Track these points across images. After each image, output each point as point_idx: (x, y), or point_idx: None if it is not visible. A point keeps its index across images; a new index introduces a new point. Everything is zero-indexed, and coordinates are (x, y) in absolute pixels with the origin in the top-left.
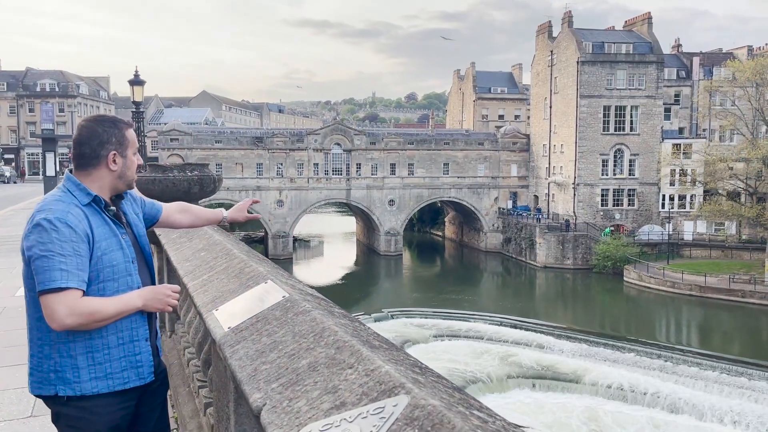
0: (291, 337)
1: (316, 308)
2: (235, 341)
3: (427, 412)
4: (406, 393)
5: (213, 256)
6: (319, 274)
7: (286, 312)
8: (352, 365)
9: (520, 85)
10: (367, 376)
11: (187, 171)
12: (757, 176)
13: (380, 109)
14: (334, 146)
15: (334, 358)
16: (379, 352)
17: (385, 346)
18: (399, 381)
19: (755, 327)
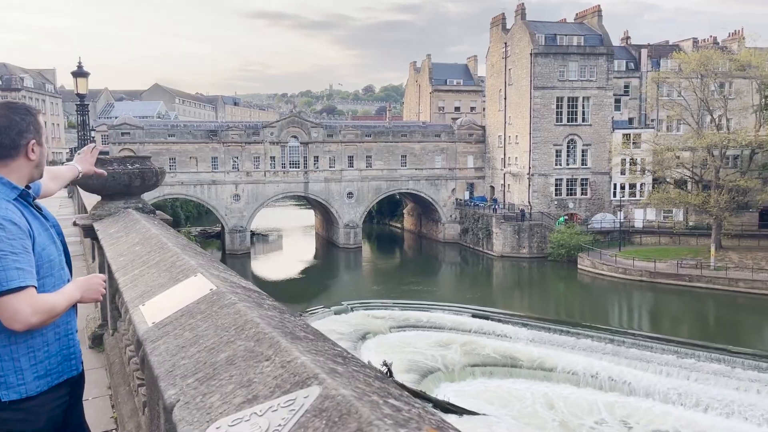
0: (213, 331)
1: (243, 301)
2: (157, 336)
3: (336, 403)
4: (319, 384)
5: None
6: (278, 268)
7: (212, 305)
8: (270, 357)
9: (475, 77)
10: (282, 368)
11: (127, 164)
12: (703, 165)
13: (337, 101)
14: (291, 139)
15: (253, 350)
16: (300, 343)
17: (311, 336)
18: (313, 372)
19: (702, 310)
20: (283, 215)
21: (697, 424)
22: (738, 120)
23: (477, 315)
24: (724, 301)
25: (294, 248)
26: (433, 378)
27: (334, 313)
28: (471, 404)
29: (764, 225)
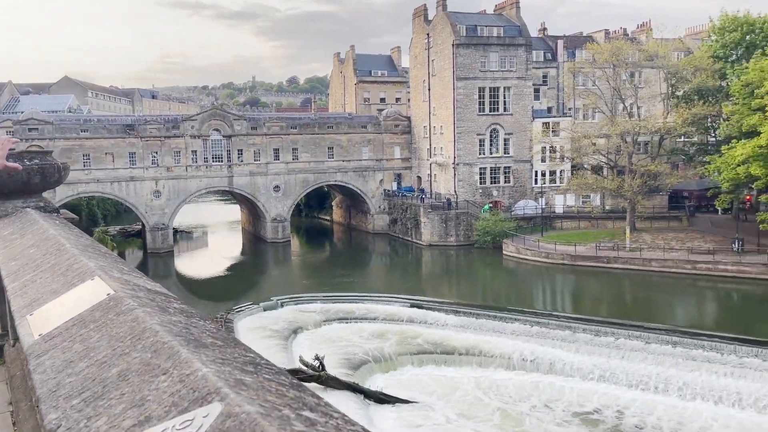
0: (107, 342)
1: (144, 306)
2: (42, 351)
3: (240, 421)
4: (221, 400)
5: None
6: (204, 266)
7: (107, 312)
8: (167, 371)
9: (399, 67)
10: (180, 383)
11: (25, 159)
12: (617, 151)
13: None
14: (213, 132)
15: (149, 363)
16: (205, 351)
17: (219, 343)
18: (215, 386)
19: (619, 290)
20: (208, 211)
21: (619, 399)
22: (648, 108)
23: (408, 304)
24: (639, 281)
25: (220, 244)
26: (366, 369)
27: (263, 309)
28: (404, 393)
29: (673, 207)
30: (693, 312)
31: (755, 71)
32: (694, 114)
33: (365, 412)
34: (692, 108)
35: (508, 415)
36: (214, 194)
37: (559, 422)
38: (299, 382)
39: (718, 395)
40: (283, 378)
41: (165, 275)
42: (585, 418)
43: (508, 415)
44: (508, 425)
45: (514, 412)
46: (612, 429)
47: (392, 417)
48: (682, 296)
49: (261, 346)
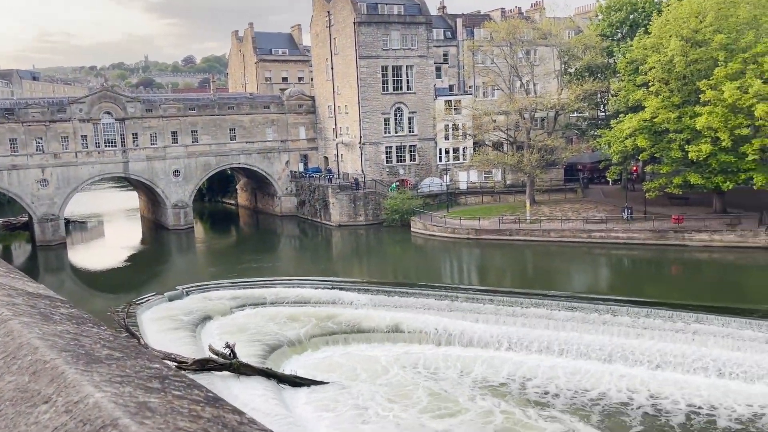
0: None
1: (21, 315)
2: None
3: None
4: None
5: None
6: (101, 257)
7: None
8: (49, 398)
9: (300, 46)
10: (67, 414)
11: None
12: (516, 127)
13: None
14: (105, 115)
15: (27, 389)
16: (99, 368)
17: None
18: (111, 417)
19: (522, 261)
20: (103, 199)
21: (526, 365)
22: (543, 85)
23: (320, 286)
24: (540, 251)
25: (118, 234)
26: (279, 353)
27: (168, 300)
28: (319, 375)
29: (569, 180)
30: (589, 278)
31: (638, 49)
32: (585, 90)
33: (280, 397)
34: (583, 84)
35: (422, 388)
36: (109, 181)
37: (471, 393)
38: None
39: (612, 355)
40: (197, 392)
41: (57, 269)
42: (495, 387)
43: (419, 387)
44: (421, 398)
45: (427, 386)
46: (519, 395)
47: (307, 399)
48: (579, 264)
49: (168, 338)
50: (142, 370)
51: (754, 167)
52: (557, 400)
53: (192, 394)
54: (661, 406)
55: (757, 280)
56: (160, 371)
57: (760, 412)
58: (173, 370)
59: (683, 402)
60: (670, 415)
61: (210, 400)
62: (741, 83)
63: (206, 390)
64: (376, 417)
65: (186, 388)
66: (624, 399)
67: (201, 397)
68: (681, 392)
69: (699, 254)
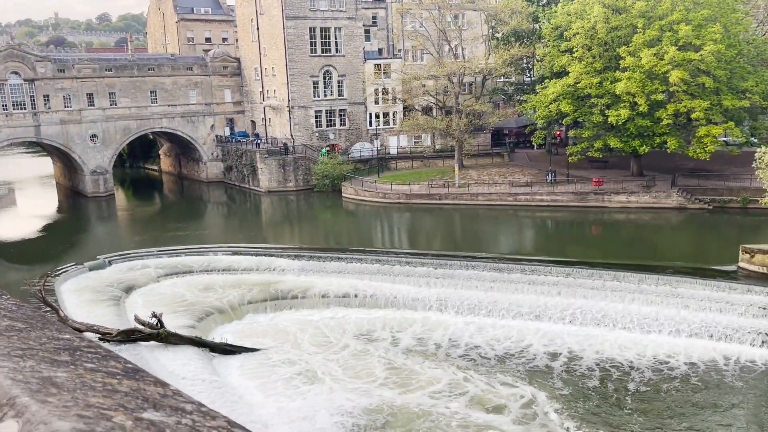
0: None
1: None
2: None
3: None
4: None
5: None
6: (13, 227)
7: None
8: None
9: (224, 5)
10: None
11: None
12: (445, 92)
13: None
14: (12, 75)
15: None
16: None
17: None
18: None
19: (451, 224)
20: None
21: (452, 324)
22: (471, 49)
23: (249, 252)
24: (469, 214)
25: (31, 202)
26: (208, 321)
27: (89, 270)
28: (250, 341)
29: (496, 144)
30: (515, 240)
31: (563, 15)
32: (511, 55)
33: (210, 366)
34: (510, 50)
35: (353, 351)
36: (19, 146)
37: (404, 353)
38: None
39: (536, 312)
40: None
41: None
42: (425, 343)
43: (352, 350)
44: (351, 358)
45: (360, 349)
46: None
47: (238, 366)
48: (505, 226)
49: (90, 310)
50: (49, 341)
51: (668, 131)
52: (485, 359)
53: (108, 366)
54: (581, 359)
55: (669, 238)
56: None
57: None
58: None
59: (602, 355)
60: (588, 367)
61: (129, 371)
62: (657, 50)
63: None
64: (308, 381)
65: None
66: (548, 353)
67: (119, 369)
68: (600, 345)
69: (617, 215)
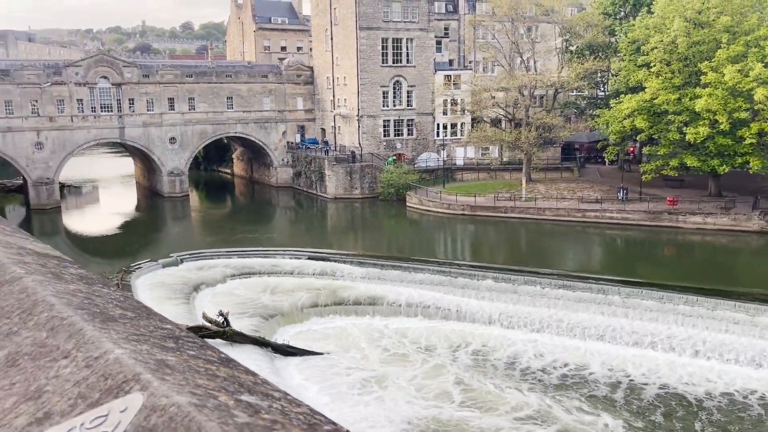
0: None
1: (34, 273)
2: None
3: (169, 417)
4: (142, 389)
5: None
6: (96, 222)
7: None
8: (69, 353)
9: (300, 15)
10: (87, 368)
11: None
12: (515, 104)
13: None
14: (101, 80)
15: (45, 344)
16: (115, 326)
17: (130, 314)
18: (132, 371)
19: (515, 238)
20: (98, 164)
21: (514, 340)
22: (543, 62)
23: (314, 257)
24: (534, 229)
25: (112, 200)
26: (272, 322)
27: (162, 267)
28: (311, 345)
29: (566, 158)
30: (582, 257)
31: (641, 28)
32: (585, 69)
33: (272, 366)
34: (584, 63)
35: (414, 361)
36: (105, 146)
37: (465, 367)
38: (228, 357)
39: (604, 333)
40: (210, 353)
41: (52, 233)
42: (484, 357)
43: (413, 360)
44: (413, 369)
45: (416, 356)
46: (506, 367)
47: (299, 368)
48: (572, 243)
49: (162, 305)
50: (156, 330)
51: (750, 151)
52: (544, 376)
53: (206, 354)
54: (647, 387)
55: (748, 264)
56: (173, 332)
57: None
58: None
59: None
60: (654, 395)
61: (223, 360)
62: (742, 66)
63: (219, 351)
64: (369, 388)
65: (199, 348)
66: (610, 376)
67: (215, 358)
68: (669, 372)
69: (692, 237)
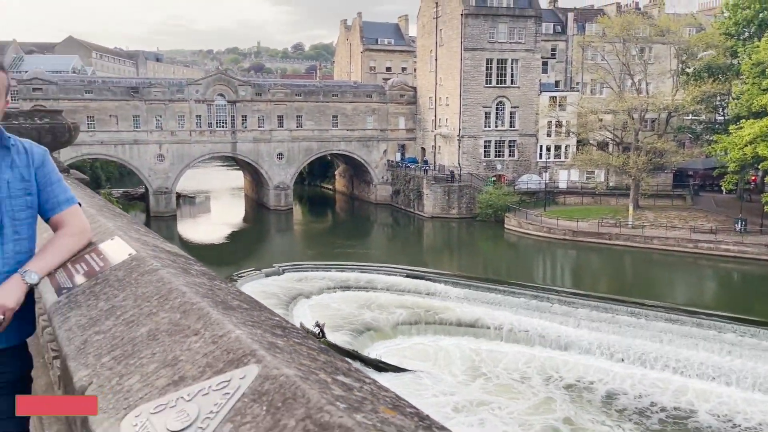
0: (132, 301)
1: (167, 267)
2: (67, 308)
3: (279, 384)
4: (257, 362)
5: None
6: (206, 231)
7: (131, 272)
8: (198, 332)
9: (406, 36)
10: (213, 344)
11: (35, 118)
12: (623, 127)
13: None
14: (218, 97)
15: (179, 323)
16: (234, 314)
17: (245, 306)
18: (250, 348)
19: (620, 266)
20: (211, 176)
21: (615, 373)
22: (656, 84)
23: (409, 275)
24: (640, 258)
25: (222, 210)
26: (365, 337)
27: (264, 276)
28: (403, 362)
29: (678, 185)
30: (692, 290)
31: (766, 50)
32: (703, 92)
33: None
34: (702, 86)
35: (504, 385)
36: (218, 160)
37: (554, 394)
38: (326, 347)
39: (714, 373)
40: (311, 342)
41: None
42: (580, 390)
43: (503, 385)
44: (504, 395)
45: (510, 383)
46: (604, 403)
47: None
48: (682, 274)
49: None
50: (267, 320)
51: None
52: (643, 419)
53: (308, 344)
54: None
55: None
56: (281, 322)
57: None
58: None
59: None
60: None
61: (322, 350)
62: None
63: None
64: (456, 407)
65: (302, 338)
66: (719, 428)
67: (315, 347)
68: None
69: None
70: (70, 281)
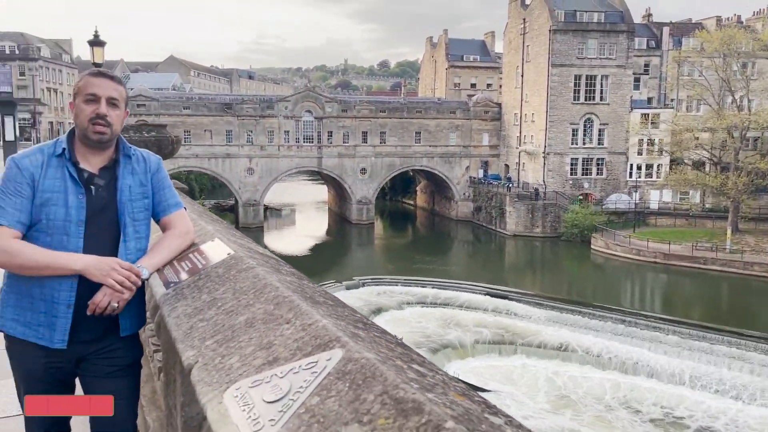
0: (231, 294)
1: (261, 265)
2: (175, 299)
3: (360, 365)
4: (341, 347)
5: None
6: (291, 242)
7: (229, 269)
8: (290, 320)
9: (492, 53)
10: (303, 331)
11: (143, 132)
12: (722, 146)
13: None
14: (305, 113)
15: (272, 313)
16: (320, 307)
17: (330, 302)
18: (335, 335)
19: (716, 293)
20: (296, 190)
21: (708, 406)
22: (760, 101)
23: (489, 293)
24: (739, 285)
25: (307, 223)
26: (443, 354)
27: (345, 288)
28: (481, 381)
29: None
30: None
31: None
32: None
33: None
34: None
35: (587, 411)
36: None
37: (640, 424)
38: (403, 342)
39: None
40: (389, 336)
41: None
42: (669, 423)
43: (587, 410)
44: (586, 420)
45: (593, 409)
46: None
47: None
48: None
49: None
50: (350, 315)
51: None
52: None
53: (386, 337)
54: None
55: None
56: (362, 318)
57: None
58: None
59: None
60: None
61: (399, 343)
62: None
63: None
64: None
65: (381, 332)
66: None
67: (393, 341)
68: None
69: None
70: (177, 276)
